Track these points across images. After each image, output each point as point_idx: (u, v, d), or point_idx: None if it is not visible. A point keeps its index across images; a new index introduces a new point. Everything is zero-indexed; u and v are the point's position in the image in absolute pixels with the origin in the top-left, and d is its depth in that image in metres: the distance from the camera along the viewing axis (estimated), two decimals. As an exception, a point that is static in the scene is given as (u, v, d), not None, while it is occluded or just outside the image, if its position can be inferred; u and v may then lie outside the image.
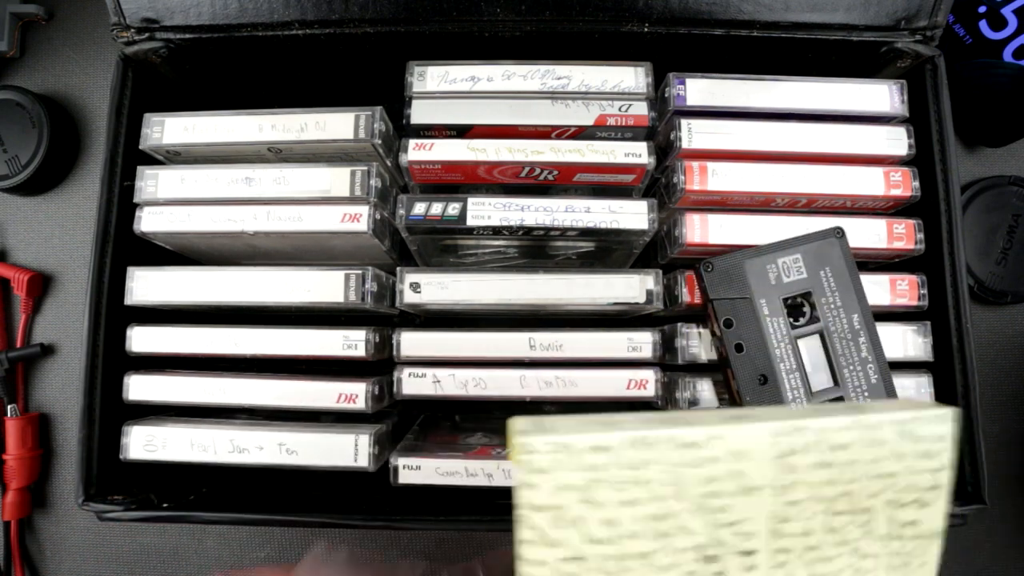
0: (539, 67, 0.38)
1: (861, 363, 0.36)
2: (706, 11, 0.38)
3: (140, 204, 0.38)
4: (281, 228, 0.37)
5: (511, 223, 0.37)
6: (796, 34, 0.39)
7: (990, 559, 0.50)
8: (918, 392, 0.39)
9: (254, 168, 0.37)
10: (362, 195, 0.36)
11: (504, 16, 0.39)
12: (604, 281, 0.37)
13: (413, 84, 0.38)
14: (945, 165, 0.39)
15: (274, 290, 0.37)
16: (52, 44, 0.54)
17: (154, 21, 0.39)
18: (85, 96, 0.53)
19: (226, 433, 0.38)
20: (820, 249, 0.36)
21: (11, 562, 0.49)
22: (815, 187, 0.38)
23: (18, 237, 0.53)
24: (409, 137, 0.38)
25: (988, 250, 0.51)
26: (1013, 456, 0.51)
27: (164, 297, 0.38)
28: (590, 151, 0.37)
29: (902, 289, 0.39)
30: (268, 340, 0.39)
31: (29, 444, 0.49)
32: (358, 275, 0.37)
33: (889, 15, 0.39)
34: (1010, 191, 0.51)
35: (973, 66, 0.50)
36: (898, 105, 0.39)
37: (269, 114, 0.37)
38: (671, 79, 0.38)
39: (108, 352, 0.39)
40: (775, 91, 0.38)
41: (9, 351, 0.50)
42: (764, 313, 0.36)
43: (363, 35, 0.39)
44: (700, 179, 0.37)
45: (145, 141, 0.38)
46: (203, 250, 0.42)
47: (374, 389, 0.39)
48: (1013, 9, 0.50)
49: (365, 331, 0.38)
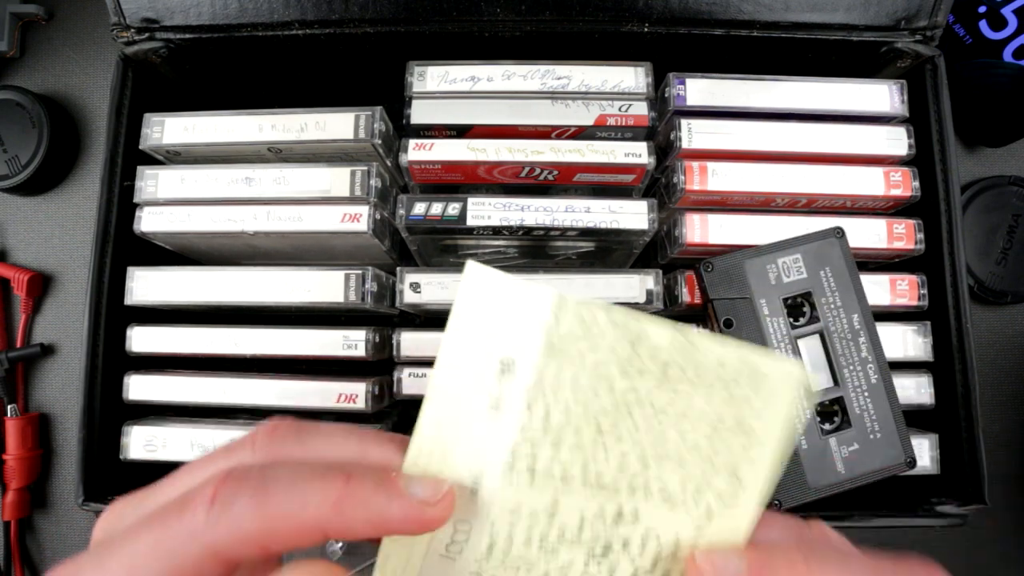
0: (539, 67, 0.38)
1: (861, 363, 0.36)
2: (706, 11, 0.38)
3: (140, 204, 0.38)
4: (281, 228, 0.37)
5: (511, 223, 0.37)
6: (796, 34, 0.39)
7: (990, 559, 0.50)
8: (918, 392, 0.39)
9: (254, 168, 0.37)
10: (362, 195, 0.36)
11: (504, 16, 0.39)
12: (604, 281, 0.37)
13: (413, 84, 0.38)
14: (945, 165, 0.39)
15: (274, 290, 0.37)
16: (52, 44, 0.54)
17: (154, 21, 0.39)
18: (85, 96, 0.53)
19: (226, 433, 0.38)
20: (820, 249, 0.36)
21: (11, 562, 0.49)
22: (815, 187, 0.38)
23: (18, 237, 0.52)
24: (409, 137, 0.38)
25: (988, 250, 0.51)
26: (1013, 456, 0.51)
27: (164, 297, 0.38)
28: (590, 151, 0.37)
29: (902, 289, 0.39)
30: (268, 340, 0.39)
31: (29, 444, 0.49)
32: (358, 275, 0.37)
33: (889, 15, 0.39)
34: (1010, 191, 0.51)
35: (973, 66, 0.50)
36: (898, 105, 0.39)
37: (269, 114, 0.37)
38: (671, 79, 0.38)
39: (108, 352, 0.39)
40: (775, 91, 0.38)
41: (9, 351, 0.50)
42: (764, 313, 0.36)
43: (363, 35, 0.39)
44: (700, 179, 0.37)
45: (145, 141, 0.38)
46: (203, 250, 0.42)
47: (374, 389, 0.39)
48: (1013, 9, 0.50)
49: (365, 331, 0.38)
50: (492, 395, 0.19)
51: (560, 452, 0.20)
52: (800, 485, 0.35)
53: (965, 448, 0.38)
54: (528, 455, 0.20)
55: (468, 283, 0.19)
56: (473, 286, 0.19)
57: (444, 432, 0.20)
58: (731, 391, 0.19)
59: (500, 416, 0.19)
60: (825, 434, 0.35)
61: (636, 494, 0.20)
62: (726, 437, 0.20)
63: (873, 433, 0.35)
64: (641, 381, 0.19)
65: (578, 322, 0.19)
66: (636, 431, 0.20)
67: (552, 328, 0.19)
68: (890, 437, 0.35)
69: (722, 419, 0.19)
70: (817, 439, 0.35)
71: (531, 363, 0.19)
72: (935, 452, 0.39)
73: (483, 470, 0.20)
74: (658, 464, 0.20)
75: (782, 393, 0.19)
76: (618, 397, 0.19)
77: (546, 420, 0.19)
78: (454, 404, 0.20)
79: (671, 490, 0.20)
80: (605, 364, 0.19)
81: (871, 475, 0.35)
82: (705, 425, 0.20)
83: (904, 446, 0.35)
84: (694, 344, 0.19)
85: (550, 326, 0.19)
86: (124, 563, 0.17)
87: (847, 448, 0.35)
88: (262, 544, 0.17)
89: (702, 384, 0.19)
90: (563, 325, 0.19)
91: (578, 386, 0.19)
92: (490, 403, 0.19)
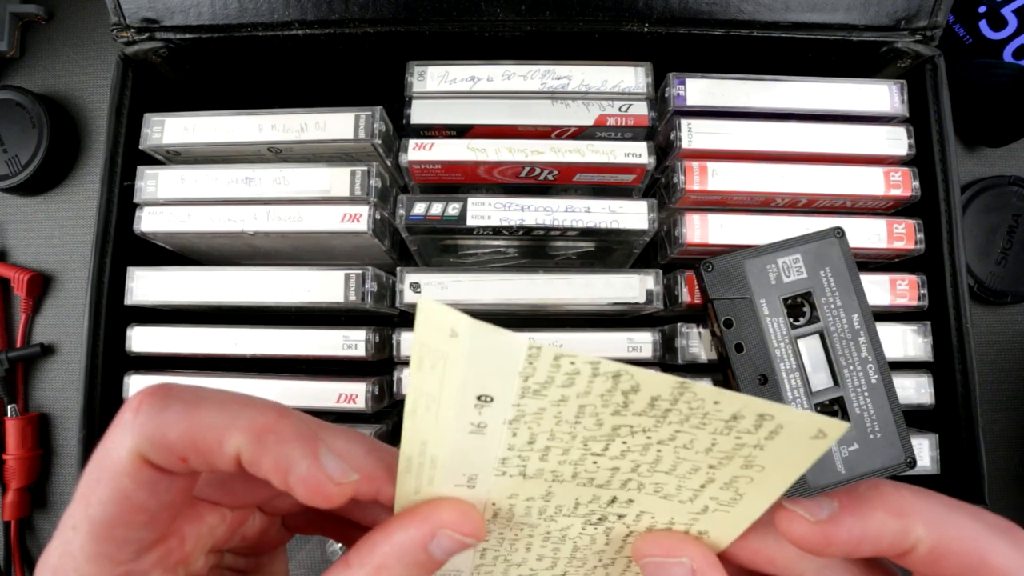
0: (539, 67, 0.38)
1: (861, 363, 0.36)
2: (706, 11, 0.38)
3: (140, 204, 0.38)
4: (281, 228, 0.37)
5: (511, 223, 0.37)
6: (796, 34, 0.39)
7: (990, 559, 0.50)
8: (918, 392, 0.39)
9: (254, 168, 0.37)
10: (362, 195, 0.36)
11: (504, 16, 0.39)
12: (604, 281, 0.37)
13: (413, 84, 0.38)
14: (945, 165, 0.39)
15: (274, 290, 0.37)
16: (52, 44, 0.54)
17: (154, 21, 0.39)
18: (85, 96, 0.53)
19: (226, 433, 0.38)
20: (820, 249, 0.36)
21: (11, 562, 0.49)
22: (815, 187, 0.38)
23: (18, 237, 0.53)
24: (409, 137, 0.38)
25: (988, 250, 0.51)
26: (1013, 456, 0.51)
27: (164, 297, 0.38)
28: (590, 151, 0.37)
29: (902, 289, 0.39)
30: (268, 340, 0.39)
31: (29, 444, 0.49)
32: (358, 275, 0.37)
33: (889, 15, 0.39)
34: (1010, 191, 0.51)
35: (973, 66, 0.50)
36: (898, 105, 0.39)
37: (269, 114, 0.37)
38: (671, 79, 0.38)
39: (108, 352, 0.39)
40: (775, 91, 0.38)
41: (9, 351, 0.50)
42: (764, 313, 0.36)
43: (363, 35, 0.39)
44: (700, 179, 0.37)
45: (145, 141, 0.38)
46: (203, 250, 0.42)
47: (374, 389, 0.39)
48: (1013, 9, 0.50)
49: (365, 331, 0.38)
50: (473, 422, 0.18)
51: (549, 463, 0.20)
52: (800, 485, 0.35)
53: (965, 448, 0.38)
54: (518, 464, 0.20)
55: (425, 322, 0.17)
56: (431, 325, 0.17)
57: (430, 449, 0.19)
58: (741, 438, 0.18)
59: (485, 437, 0.19)
60: (825, 434, 0.35)
61: (630, 490, 0.20)
62: (731, 466, 0.18)
63: (873, 433, 0.35)
64: (636, 420, 0.18)
65: (559, 372, 0.17)
66: (630, 452, 0.19)
67: (528, 375, 0.17)
68: (890, 437, 0.35)
69: (728, 456, 0.18)
70: (817, 439, 0.35)
71: (509, 401, 0.18)
72: (935, 452, 0.39)
73: (476, 474, 0.20)
74: (652, 474, 0.19)
75: (801, 445, 0.17)
76: (609, 429, 0.18)
77: (532, 443, 0.19)
78: (435, 429, 0.19)
79: (667, 490, 0.20)
80: (593, 406, 0.18)
81: (871, 475, 0.35)
82: (708, 456, 0.18)
83: (904, 446, 0.35)
84: (700, 397, 0.17)
85: (526, 373, 0.17)
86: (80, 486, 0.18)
87: (847, 448, 0.35)
88: (181, 452, 0.17)
89: (707, 429, 0.18)
90: (541, 373, 0.17)
91: (563, 420, 0.18)
92: (472, 428, 0.19)
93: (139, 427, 0.17)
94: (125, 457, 0.17)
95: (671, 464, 0.19)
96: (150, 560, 0.19)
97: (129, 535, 0.18)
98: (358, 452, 0.20)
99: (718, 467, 0.19)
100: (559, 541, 0.22)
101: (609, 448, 0.19)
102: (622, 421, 0.18)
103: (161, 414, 0.17)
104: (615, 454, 0.19)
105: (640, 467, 0.19)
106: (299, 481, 0.18)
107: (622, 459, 0.19)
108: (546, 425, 0.18)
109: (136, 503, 0.17)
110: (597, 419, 0.18)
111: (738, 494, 0.19)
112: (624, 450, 0.19)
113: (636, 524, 0.21)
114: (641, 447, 0.19)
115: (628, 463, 0.19)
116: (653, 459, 0.19)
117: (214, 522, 0.21)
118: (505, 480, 0.20)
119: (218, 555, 0.22)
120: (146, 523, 0.18)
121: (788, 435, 0.17)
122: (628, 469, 0.19)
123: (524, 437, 0.19)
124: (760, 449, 0.18)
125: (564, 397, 0.18)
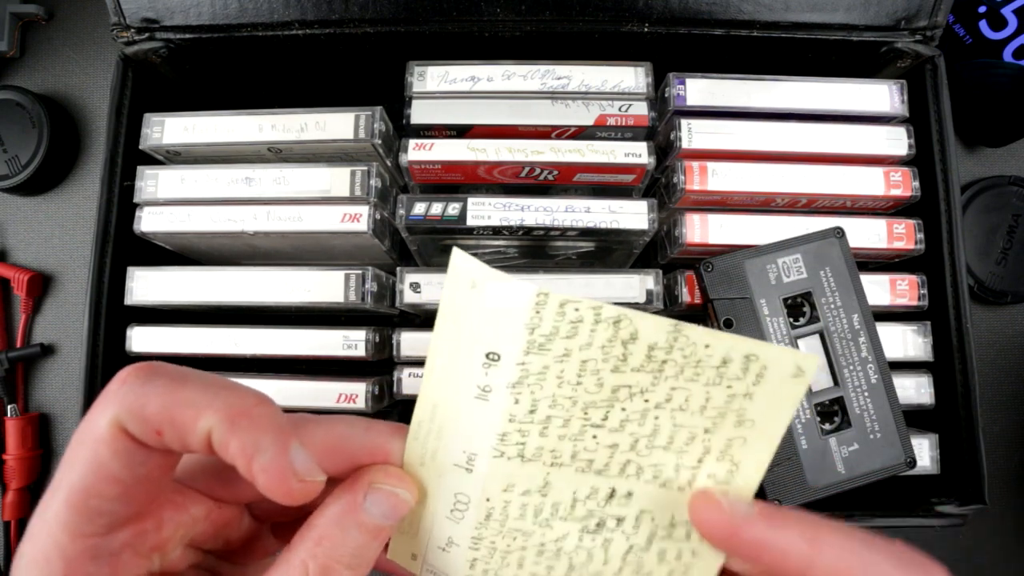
0: (539, 67, 0.38)
1: (861, 363, 0.36)
2: (706, 11, 0.38)
3: (140, 204, 0.38)
4: (281, 228, 0.37)
5: (511, 223, 0.37)
6: (796, 34, 0.39)
7: (990, 559, 0.50)
8: (918, 392, 0.39)
9: (254, 168, 0.37)
10: (362, 195, 0.36)
11: (504, 16, 0.39)
12: (604, 281, 0.37)
13: (413, 84, 0.38)
14: (945, 165, 0.39)
15: (274, 290, 0.37)
16: (52, 44, 0.54)
17: (154, 21, 0.39)
18: (85, 96, 0.53)
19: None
20: (820, 249, 0.36)
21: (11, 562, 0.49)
22: (815, 187, 0.38)
23: (18, 237, 0.52)
24: (409, 137, 0.38)
25: (988, 250, 0.51)
26: (1013, 456, 0.51)
27: (164, 297, 0.38)
28: (590, 151, 0.37)
29: (902, 289, 0.39)
30: (268, 340, 0.39)
31: (29, 444, 0.49)
32: (358, 275, 0.37)
33: (889, 15, 0.39)
34: (1010, 191, 0.51)
35: (973, 66, 0.50)
36: (898, 105, 0.39)
37: (269, 114, 0.37)
38: (671, 79, 0.38)
39: (108, 352, 0.39)
40: (775, 91, 0.38)
41: (9, 351, 0.50)
42: (764, 313, 0.36)
43: (363, 35, 0.39)
44: (700, 179, 0.37)
45: (145, 141, 0.38)
46: (203, 250, 0.42)
47: (374, 389, 0.39)
48: (1013, 9, 0.50)
49: (365, 331, 0.38)
50: (479, 385, 0.19)
51: (548, 440, 0.20)
52: (800, 485, 0.35)
53: (965, 448, 0.38)
54: (517, 442, 0.20)
55: (454, 270, 0.19)
56: (458, 274, 0.19)
57: (439, 415, 0.20)
58: (732, 386, 0.19)
59: (489, 405, 0.19)
60: (825, 434, 0.35)
61: (628, 476, 0.20)
62: (725, 427, 0.19)
63: (873, 433, 0.35)
64: (634, 377, 0.19)
65: (563, 320, 0.18)
66: (628, 422, 0.20)
67: (534, 326, 0.18)
68: (890, 437, 0.35)
69: (721, 413, 0.19)
70: (817, 439, 0.35)
71: (514, 359, 0.19)
72: (935, 452, 0.39)
73: (476, 452, 0.20)
74: (651, 451, 0.20)
75: (785, 385, 0.19)
76: (608, 392, 0.19)
77: (533, 411, 0.19)
78: (446, 390, 0.20)
79: (665, 473, 0.20)
80: (594, 361, 0.19)
81: (871, 475, 0.35)
82: (703, 417, 0.19)
83: (904, 446, 0.35)
84: (692, 341, 0.18)
85: (532, 324, 0.18)
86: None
87: (847, 448, 0.35)
88: (157, 425, 0.17)
89: (701, 380, 0.19)
90: (547, 323, 0.18)
91: (565, 382, 0.19)
92: (478, 392, 0.19)
93: (121, 397, 0.18)
94: (104, 425, 0.17)
95: (668, 436, 0.20)
96: (122, 538, 0.19)
97: (102, 506, 0.18)
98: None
99: (713, 430, 0.19)
100: (553, 557, 0.21)
101: (609, 418, 0.20)
102: (621, 380, 0.19)
103: (143, 387, 0.18)
104: (614, 425, 0.20)
105: (638, 443, 0.20)
106: (262, 469, 0.18)
107: (621, 431, 0.20)
108: (548, 388, 0.19)
109: (110, 472, 0.18)
110: (598, 378, 0.19)
111: (734, 464, 0.20)
112: (623, 419, 0.20)
113: (635, 534, 0.21)
114: (639, 415, 0.20)
115: (627, 437, 0.20)
116: (651, 431, 0.20)
117: (197, 514, 0.21)
118: (503, 464, 0.20)
119: (200, 554, 0.22)
120: (119, 496, 0.18)
121: (772, 377, 0.18)
122: (627, 446, 0.20)
123: (526, 405, 0.19)
124: (749, 399, 0.19)
125: (567, 351, 0.19)
